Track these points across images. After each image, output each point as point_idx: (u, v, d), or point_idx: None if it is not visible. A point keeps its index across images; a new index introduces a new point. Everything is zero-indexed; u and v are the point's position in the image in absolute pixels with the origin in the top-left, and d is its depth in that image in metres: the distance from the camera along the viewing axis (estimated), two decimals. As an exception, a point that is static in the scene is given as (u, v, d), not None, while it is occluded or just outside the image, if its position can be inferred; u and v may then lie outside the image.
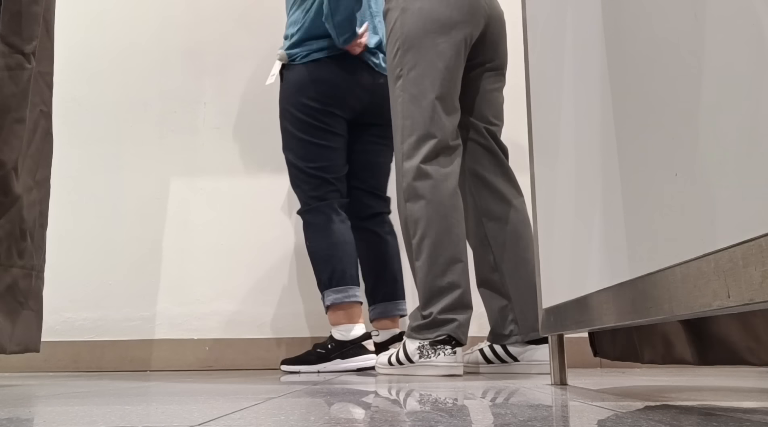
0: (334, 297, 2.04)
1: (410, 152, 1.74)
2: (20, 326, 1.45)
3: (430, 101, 1.73)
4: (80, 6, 2.66)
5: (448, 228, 1.70)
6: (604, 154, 0.91)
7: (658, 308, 0.70)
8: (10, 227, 1.42)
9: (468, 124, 1.89)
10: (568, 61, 1.10)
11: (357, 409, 0.81)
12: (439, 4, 1.75)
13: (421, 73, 1.75)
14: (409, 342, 1.72)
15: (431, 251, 1.69)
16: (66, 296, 2.46)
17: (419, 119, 1.74)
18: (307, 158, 2.11)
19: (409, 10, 1.77)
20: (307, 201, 2.12)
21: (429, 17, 1.75)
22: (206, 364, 2.42)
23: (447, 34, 1.75)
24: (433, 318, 1.68)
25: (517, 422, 0.65)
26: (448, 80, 1.75)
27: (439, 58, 1.74)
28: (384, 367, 1.79)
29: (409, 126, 1.74)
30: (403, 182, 1.75)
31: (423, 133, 1.73)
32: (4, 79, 1.40)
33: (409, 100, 1.75)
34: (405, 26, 1.77)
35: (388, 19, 1.82)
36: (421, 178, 1.72)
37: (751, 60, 0.52)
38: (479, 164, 1.89)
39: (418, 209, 1.71)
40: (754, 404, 0.85)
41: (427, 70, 1.74)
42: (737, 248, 0.53)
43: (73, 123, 2.60)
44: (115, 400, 0.97)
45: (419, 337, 1.70)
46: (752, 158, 0.52)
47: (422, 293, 1.72)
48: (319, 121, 2.11)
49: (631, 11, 0.79)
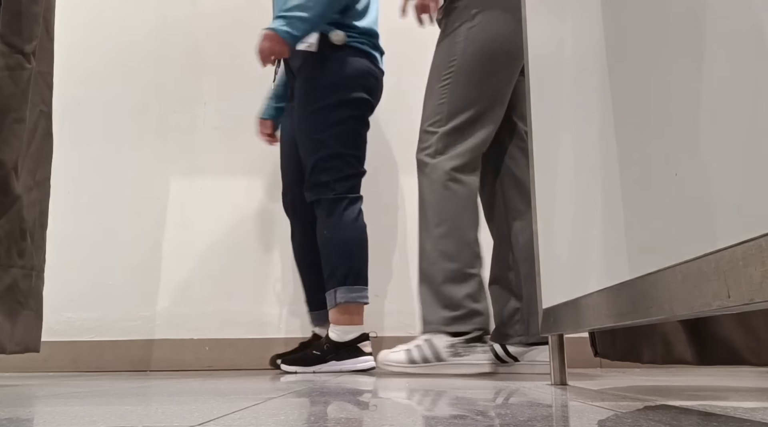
0: (348, 296, 2.00)
1: (444, 149, 1.75)
2: (20, 326, 1.45)
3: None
4: (80, 6, 2.66)
5: (475, 223, 1.73)
6: (604, 155, 0.91)
7: (658, 308, 0.70)
8: (10, 227, 1.42)
9: (511, 123, 1.90)
10: (568, 61, 1.10)
11: (357, 409, 0.81)
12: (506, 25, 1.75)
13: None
14: (436, 338, 1.67)
15: (459, 236, 1.69)
16: (66, 296, 2.46)
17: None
18: (353, 145, 2.08)
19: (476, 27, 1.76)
20: (336, 189, 2.04)
21: (497, 45, 1.76)
22: (206, 364, 2.42)
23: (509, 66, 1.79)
24: (467, 308, 1.66)
25: (517, 422, 0.65)
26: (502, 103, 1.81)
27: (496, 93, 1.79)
28: (402, 365, 1.71)
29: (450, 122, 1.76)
30: (435, 175, 1.74)
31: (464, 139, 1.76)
32: (4, 79, 1.40)
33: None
34: (468, 50, 1.77)
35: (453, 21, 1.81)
36: (455, 181, 1.73)
37: (751, 60, 0.52)
38: (516, 164, 1.89)
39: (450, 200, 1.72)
40: (754, 404, 0.85)
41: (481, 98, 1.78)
42: (737, 247, 0.53)
43: (73, 123, 2.60)
44: (115, 400, 0.97)
45: (448, 330, 1.66)
46: (752, 158, 0.52)
47: (441, 277, 1.68)
48: (366, 114, 2.12)
49: (631, 11, 0.79)
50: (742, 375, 1.63)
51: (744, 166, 0.53)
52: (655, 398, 0.96)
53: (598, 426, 0.62)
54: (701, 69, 0.61)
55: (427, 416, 0.72)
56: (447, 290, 1.68)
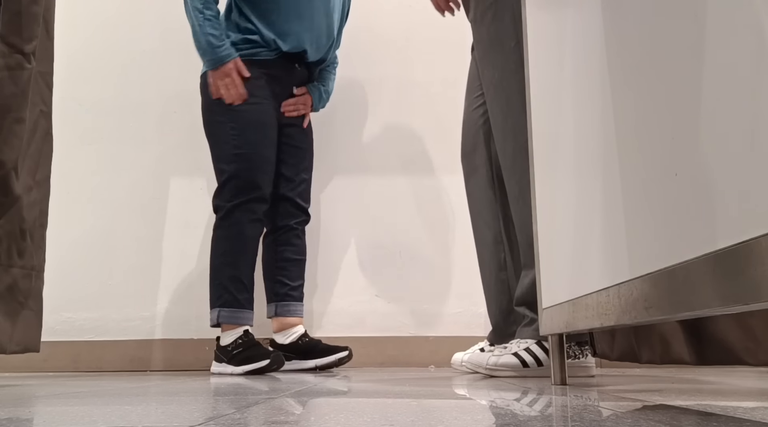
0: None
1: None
2: (20, 326, 1.45)
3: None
4: (80, 6, 2.66)
5: None
6: (604, 154, 0.91)
7: (658, 308, 0.70)
8: (10, 227, 1.42)
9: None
10: (568, 61, 1.10)
11: (358, 409, 0.81)
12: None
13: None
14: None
15: None
16: (66, 296, 2.45)
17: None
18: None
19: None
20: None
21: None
22: (206, 364, 2.41)
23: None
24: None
25: (517, 422, 0.65)
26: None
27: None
28: (497, 368, 1.64)
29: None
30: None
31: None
32: (4, 79, 1.40)
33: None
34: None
35: None
36: None
37: (751, 60, 0.52)
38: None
39: None
40: (754, 404, 0.85)
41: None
42: (737, 247, 0.53)
43: (73, 123, 2.60)
44: (115, 400, 0.97)
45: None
46: (752, 158, 0.52)
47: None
48: None
49: (631, 11, 0.79)
50: (741, 375, 1.63)
51: (744, 165, 0.53)
52: (654, 398, 0.96)
53: (598, 426, 0.62)
54: (701, 69, 0.61)
55: (428, 414, 0.72)
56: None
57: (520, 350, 1.63)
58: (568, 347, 1.61)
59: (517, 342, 1.65)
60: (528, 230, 1.62)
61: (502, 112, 1.69)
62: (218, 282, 2.06)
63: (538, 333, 1.57)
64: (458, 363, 1.90)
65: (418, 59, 2.62)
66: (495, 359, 1.66)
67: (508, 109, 1.67)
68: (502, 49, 1.68)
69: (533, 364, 1.60)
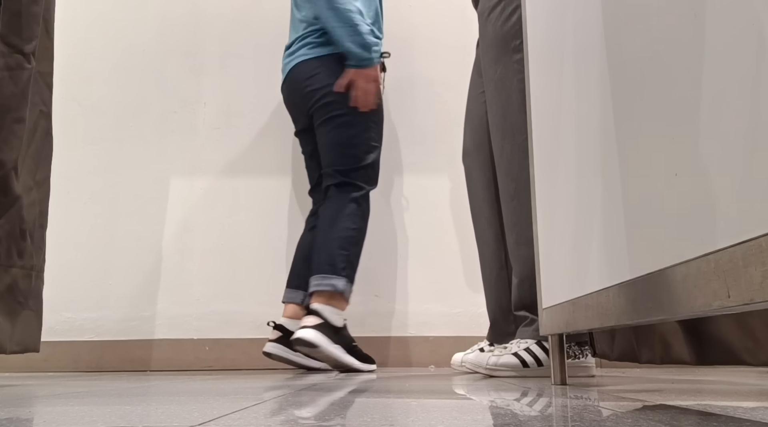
0: (350, 287, 2.07)
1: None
2: (20, 326, 1.45)
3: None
4: (80, 6, 2.66)
5: None
6: (604, 154, 0.91)
7: (658, 308, 0.70)
8: (10, 227, 1.42)
9: None
10: (568, 61, 1.10)
11: (358, 409, 0.81)
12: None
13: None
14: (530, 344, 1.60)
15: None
16: (66, 296, 2.45)
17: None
18: (380, 143, 2.23)
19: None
20: (367, 185, 2.18)
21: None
22: (206, 364, 2.42)
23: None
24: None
25: (517, 422, 0.65)
26: None
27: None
28: (497, 368, 1.63)
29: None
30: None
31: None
32: (4, 79, 1.40)
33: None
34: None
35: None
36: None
37: (751, 60, 0.52)
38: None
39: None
40: (754, 404, 0.85)
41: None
42: (737, 247, 0.53)
43: (73, 123, 2.60)
44: (115, 400, 0.97)
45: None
46: (752, 158, 0.52)
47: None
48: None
49: (631, 11, 0.79)
50: (741, 375, 1.63)
51: (744, 166, 0.53)
52: (654, 398, 0.96)
53: (598, 426, 0.62)
54: (701, 69, 0.61)
55: (427, 415, 0.72)
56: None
57: (520, 350, 1.63)
58: (568, 347, 1.61)
59: (517, 342, 1.65)
60: (518, 230, 1.62)
61: (502, 110, 1.69)
62: (347, 253, 2.05)
63: (538, 333, 1.57)
64: (458, 363, 1.90)
65: (419, 59, 2.62)
66: (495, 359, 1.66)
67: (508, 107, 1.67)
68: (506, 46, 1.68)
69: (533, 364, 1.60)
